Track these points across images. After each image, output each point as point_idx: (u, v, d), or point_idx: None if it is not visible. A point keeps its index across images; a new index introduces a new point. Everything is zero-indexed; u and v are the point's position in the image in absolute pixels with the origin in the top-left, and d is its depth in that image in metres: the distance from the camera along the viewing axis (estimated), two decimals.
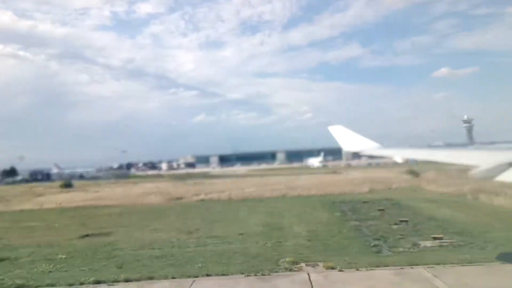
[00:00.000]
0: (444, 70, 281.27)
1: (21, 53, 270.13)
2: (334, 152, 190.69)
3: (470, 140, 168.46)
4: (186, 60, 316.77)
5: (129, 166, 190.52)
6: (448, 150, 11.70)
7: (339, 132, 14.33)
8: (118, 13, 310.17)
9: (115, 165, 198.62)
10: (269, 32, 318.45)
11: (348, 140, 13.91)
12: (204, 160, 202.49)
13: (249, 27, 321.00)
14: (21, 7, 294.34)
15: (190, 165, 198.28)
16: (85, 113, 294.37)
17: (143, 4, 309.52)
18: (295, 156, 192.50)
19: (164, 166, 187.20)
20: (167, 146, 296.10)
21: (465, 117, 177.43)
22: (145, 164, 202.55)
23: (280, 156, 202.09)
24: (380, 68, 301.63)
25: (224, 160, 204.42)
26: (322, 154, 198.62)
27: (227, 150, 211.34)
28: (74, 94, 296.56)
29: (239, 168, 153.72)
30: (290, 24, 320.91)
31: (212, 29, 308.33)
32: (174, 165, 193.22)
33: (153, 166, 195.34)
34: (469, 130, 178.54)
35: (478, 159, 7.59)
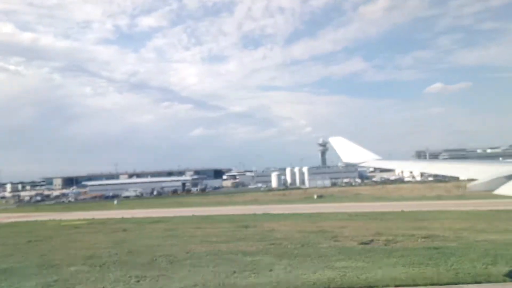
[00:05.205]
0: (439, 85, 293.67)
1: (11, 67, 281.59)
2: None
3: (323, 163, 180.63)
4: (189, 73, 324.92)
5: None
6: (447, 163, 12.11)
7: (339, 143, 14.37)
8: (121, 27, 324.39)
9: None
10: (271, 46, 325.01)
11: (348, 151, 13.88)
12: (50, 181, 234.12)
13: (252, 41, 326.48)
14: (23, 20, 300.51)
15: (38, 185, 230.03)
16: (86, 125, 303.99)
17: (145, 18, 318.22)
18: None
19: (8, 188, 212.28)
20: (169, 158, 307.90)
21: (321, 140, 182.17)
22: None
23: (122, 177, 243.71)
24: (382, 82, 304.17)
25: (71, 182, 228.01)
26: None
27: (225, 164, 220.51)
28: (77, 107, 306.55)
29: None
30: (293, 38, 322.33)
31: (215, 43, 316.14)
32: (19, 187, 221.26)
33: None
34: (323, 153, 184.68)
35: (477, 172, 7.80)
